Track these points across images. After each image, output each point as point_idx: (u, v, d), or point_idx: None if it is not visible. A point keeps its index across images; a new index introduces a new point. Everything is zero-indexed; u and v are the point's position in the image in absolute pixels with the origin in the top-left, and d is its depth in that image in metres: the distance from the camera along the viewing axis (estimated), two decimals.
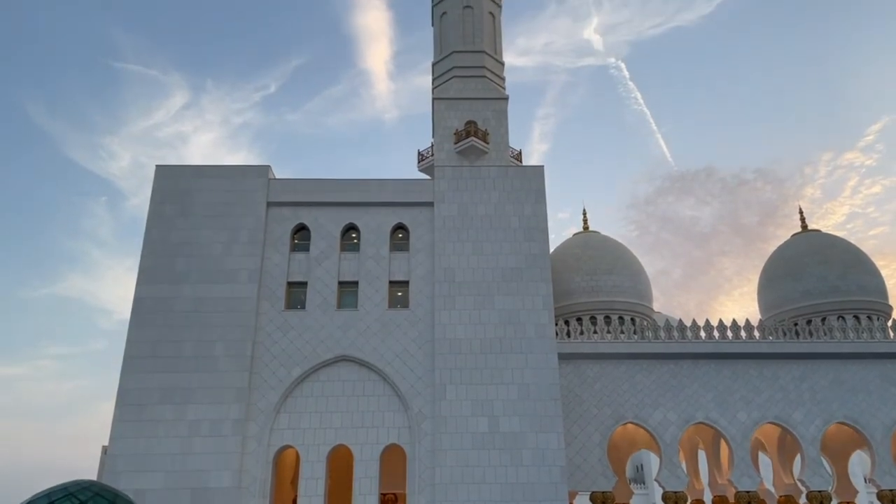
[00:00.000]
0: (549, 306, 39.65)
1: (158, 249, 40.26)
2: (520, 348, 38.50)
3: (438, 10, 55.45)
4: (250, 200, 41.69)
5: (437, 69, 53.64)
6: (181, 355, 37.71)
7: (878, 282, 49.57)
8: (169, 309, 38.78)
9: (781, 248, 53.28)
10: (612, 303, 49.33)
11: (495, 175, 43.33)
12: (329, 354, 38.74)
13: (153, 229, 40.78)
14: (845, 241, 51.78)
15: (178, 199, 41.55)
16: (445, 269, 40.53)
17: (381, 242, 41.76)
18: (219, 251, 40.30)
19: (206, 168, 42.76)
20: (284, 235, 41.58)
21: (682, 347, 41.56)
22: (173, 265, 39.86)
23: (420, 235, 42.03)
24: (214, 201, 41.50)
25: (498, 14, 55.79)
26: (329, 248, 41.48)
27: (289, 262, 41.02)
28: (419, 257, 41.47)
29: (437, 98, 51.32)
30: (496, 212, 42.18)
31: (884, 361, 42.17)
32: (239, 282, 39.62)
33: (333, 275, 40.75)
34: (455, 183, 42.96)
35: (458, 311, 39.43)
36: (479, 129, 49.38)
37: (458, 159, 48.46)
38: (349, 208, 42.43)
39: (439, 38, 54.72)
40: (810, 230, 53.50)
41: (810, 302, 48.87)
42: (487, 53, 52.58)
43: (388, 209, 42.60)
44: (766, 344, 41.85)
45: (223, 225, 40.94)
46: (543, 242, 41.40)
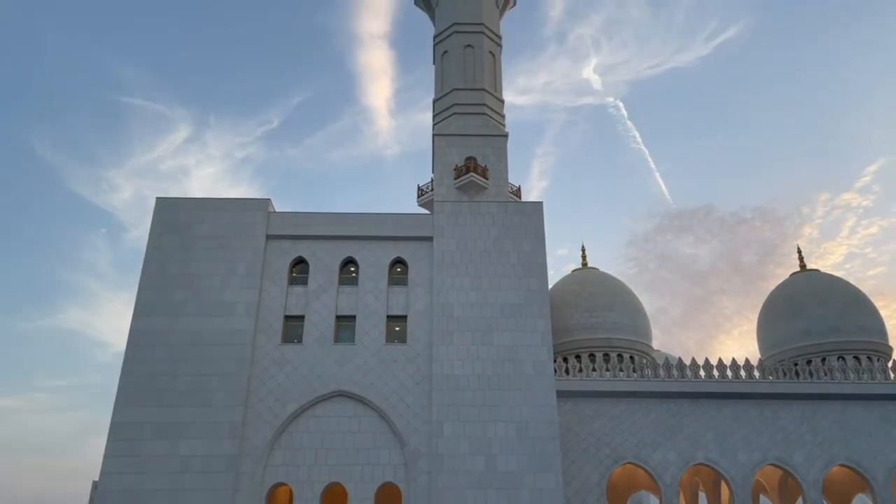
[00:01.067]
0: (548, 343, 39.37)
1: (156, 282, 40.11)
2: (518, 385, 38.11)
3: (440, 49, 56.36)
4: (249, 233, 41.70)
5: (438, 106, 54.27)
6: (175, 389, 37.26)
7: (877, 322, 49.40)
8: (165, 342, 38.45)
9: (781, 288, 53.22)
10: (610, 340, 49.02)
11: (494, 211, 43.44)
12: (325, 389, 38.29)
13: (152, 261, 40.69)
14: (844, 281, 51.76)
15: (177, 231, 41.56)
16: (444, 304, 40.35)
17: (380, 276, 41.66)
18: (217, 284, 40.15)
19: (207, 201, 42.88)
20: (283, 268, 41.47)
21: (682, 386, 41.18)
22: (171, 297, 39.66)
23: (419, 270, 41.95)
24: (214, 234, 41.51)
25: (498, 53, 56.69)
26: (327, 281, 41.35)
27: (286, 296, 40.83)
28: (417, 292, 41.32)
29: (438, 134, 51.81)
30: (495, 247, 42.17)
31: (885, 403, 41.76)
32: (236, 315, 39.38)
33: (331, 309, 40.54)
34: (454, 218, 43.02)
35: (455, 346, 39.13)
36: (479, 165, 49.76)
37: (458, 195, 48.70)
38: (348, 242, 42.43)
39: (440, 75, 55.50)
40: (809, 269, 53.52)
41: (810, 342, 48.61)
42: (488, 91, 53.28)
43: (388, 243, 42.59)
44: (767, 384, 41.49)
45: (222, 257, 40.88)
46: (542, 278, 41.30)
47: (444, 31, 56.23)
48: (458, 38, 55.07)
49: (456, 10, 56.14)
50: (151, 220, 42.06)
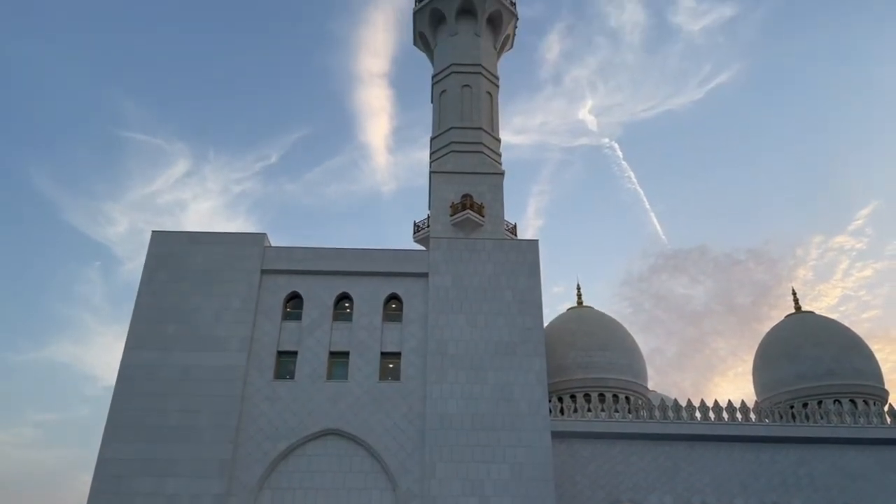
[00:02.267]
0: (543, 382, 39.03)
1: (149, 315, 39.77)
2: (512, 425, 37.61)
3: (438, 89, 57.15)
4: (244, 267, 41.55)
5: (436, 144, 54.79)
6: (165, 425, 36.61)
7: (873, 366, 49.25)
8: (155, 377, 37.94)
9: (776, 329, 53.15)
10: (606, 380, 48.64)
11: (490, 248, 43.48)
12: (316, 427, 37.68)
13: (145, 295, 40.41)
14: (839, 323, 51.75)
15: (172, 264, 41.39)
16: (438, 340, 40.05)
17: (374, 312, 41.41)
18: (210, 318, 39.83)
19: (202, 234, 42.82)
20: (277, 303, 41.22)
21: (678, 428, 40.72)
22: (163, 332, 39.29)
23: (414, 306, 41.73)
24: (208, 268, 41.34)
25: (495, 93, 57.53)
26: (321, 316, 41.07)
27: (280, 331, 40.49)
28: (412, 328, 41.03)
29: (435, 171, 52.18)
30: (490, 284, 42.07)
31: (882, 448, 41.35)
32: (228, 350, 38.97)
33: (324, 344, 40.18)
34: (450, 254, 43.00)
35: (450, 384, 38.72)
36: (475, 203, 50.04)
37: (454, 231, 48.83)
38: (343, 277, 42.28)
39: (438, 114, 56.17)
40: (804, 311, 53.56)
41: (806, 384, 48.34)
42: (484, 130, 53.89)
43: (382, 279, 42.45)
44: (763, 427, 41.09)
45: (216, 292, 40.63)
46: (537, 316, 41.12)
47: (443, 71, 57.13)
48: (456, 78, 55.93)
49: (454, 51, 57.13)
50: (146, 253, 41.90)
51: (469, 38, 57.74)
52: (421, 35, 61.32)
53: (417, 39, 62.57)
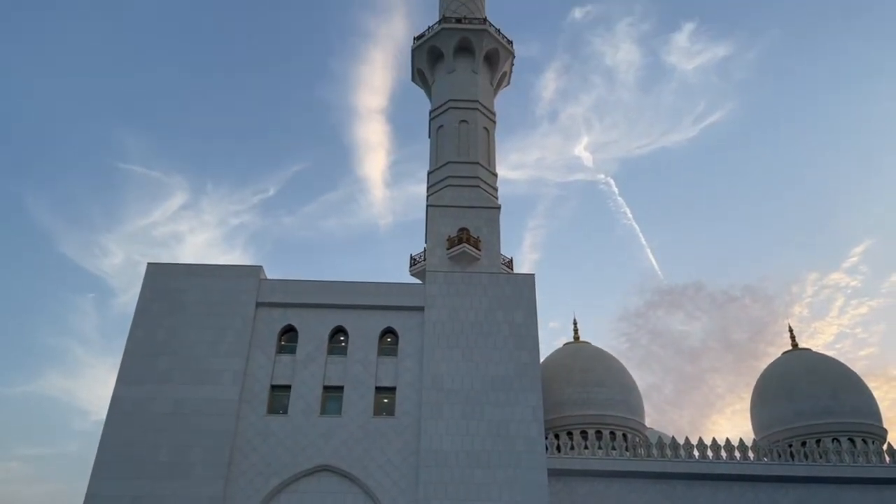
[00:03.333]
0: (540, 418, 38.58)
1: (142, 348, 39.41)
2: (508, 462, 37.05)
3: (435, 124, 57.74)
4: (240, 300, 41.35)
5: (433, 178, 55.10)
6: (155, 460, 35.97)
7: (870, 404, 48.92)
8: (147, 411, 37.41)
9: (773, 367, 52.89)
10: (603, 416, 48.11)
11: (486, 282, 43.42)
12: (309, 464, 37.06)
13: (139, 327, 40.11)
14: (836, 360, 51.55)
15: (166, 297, 41.17)
16: (434, 375, 39.69)
17: (370, 346, 41.10)
18: (203, 351, 39.47)
19: (198, 267, 42.72)
20: (271, 336, 40.91)
21: (676, 467, 40.17)
22: (155, 365, 38.88)
23: (409, 340, 41.45)
24: (203, 300, 41.12)
25: (492, 129, 58.11)
26: (316, 350, 40.74)
27: (274, 365, 40.11)
28: (407, 363, 40.70)
29: (432, 205, 52.36)
30: (486, 319, 41.89)
31: (881, 488, 40.81)
32: (222, 384, 38.53)
33: (319, 379, 39.77)
34: (446, 288, 42.89)
35: (445, 420, 38.25)
36: (472, 237, 50.07)
37: (450, 265, 48.75)
38: (338, 311, 42.06)
39: (435, 148, 56.64)
40: (801, 348, 53.38)
41: (804, 422, 47.90)
42: (481, 165, 54.26)
43: (378, 312, 42.24)
44: (762, 466, 40.59)
45: (210, 324, 40.34)
46: (534, 351, 40.87)
47: (440, 106, 57.76)
48: (453, 113, 56.52)
49: (452, 88, 57.86)
50: (141, 285, 41.71)
51: (467, 75, 58.55)
52: (419, 72, 62.19)
53: (416, 76, 63.44)
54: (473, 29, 58.96)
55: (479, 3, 64.33)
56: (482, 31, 58.90)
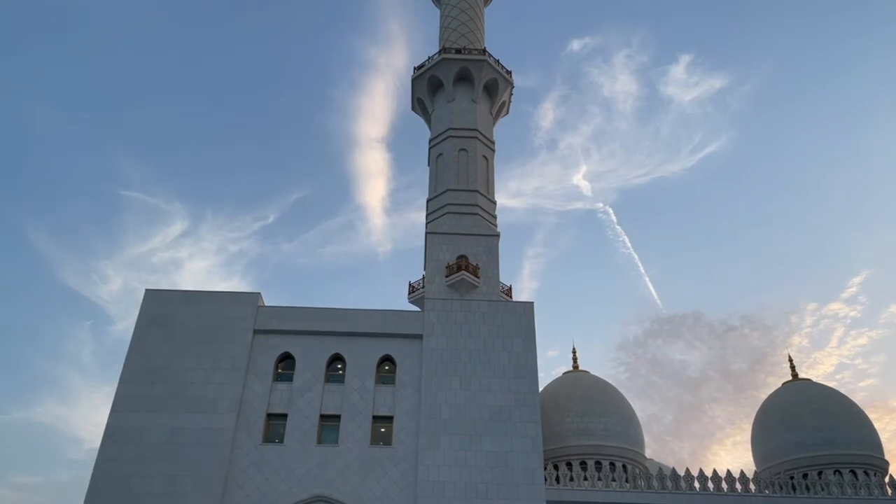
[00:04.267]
0: (539, 449, 38.11)
1: (138, 375, 39.03)
2: (507, 494, 36.47)
3: (435, 152, 58.14)
4: (237, 327, 41.09)
5: (432, 205, 55.30)
6: (149, 491, 35.36)
7: (872, 435, 48.48)
8: (141, 440, 36.90)
9: (773, 397, 52.51)
10: (602, 447, 47.60)
11: (485, 310, 43.23)
12: (305, 494, 36.46)
13: (135, 354, 39.78)
14: (837, 392, 51.20)
15: (163, 323, 40.91)
16: (432, 404, 39.29)
17: (367, 374, 40.75)
18: (199, 379, 39.10)
19: (196, 294, 42.55)
20: (268, 364, 40.58)
21: (676, 500, 39.62)
22: (151, 392, 38.46)
23: (407, 368, 41.12)
24: (201, 327, 40.86)
25: (491, 157, 58.51)
26: (313, 378, 40.37)
27: (270, 393, 39.71)
28: (405, 391, 40.32)
29: (431, 232, 52.46)
30: (485, 347, 41.60)
31: None
32: (217, 412, 38.09)
33: (315, 407, 39.34)
34: (445, 315, 42.66)
35: (442, 451, 37.75)
36: (471, 264, 50.12)
37: (449, 292, 48.68)
38: (336, 338, 41.78)
39: (434, 176, 56.94)
40: (801, 379, 53.07)
41: (805, 454, 47.40)
42: (480, 193, 54.51)
43: (376, 340, 41.97)
44: (764, 498, 40.04)
45: (207, 352, 40.05)
46: (533, 380, 40.53)
47: (440, 135, 58.23)
48: (452, 142, 56.96)
49: (451, 116, 58.40)
50: (139, 311, 41.47)
51: (466, 104, 59.13)
52: (419, 101, 62.80)
53: (416, 105, 64.05)
54: (473, 59, 59.73)
55: (479, 35, 65.29)
56: (481, 61, 59.66)
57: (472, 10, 66.45)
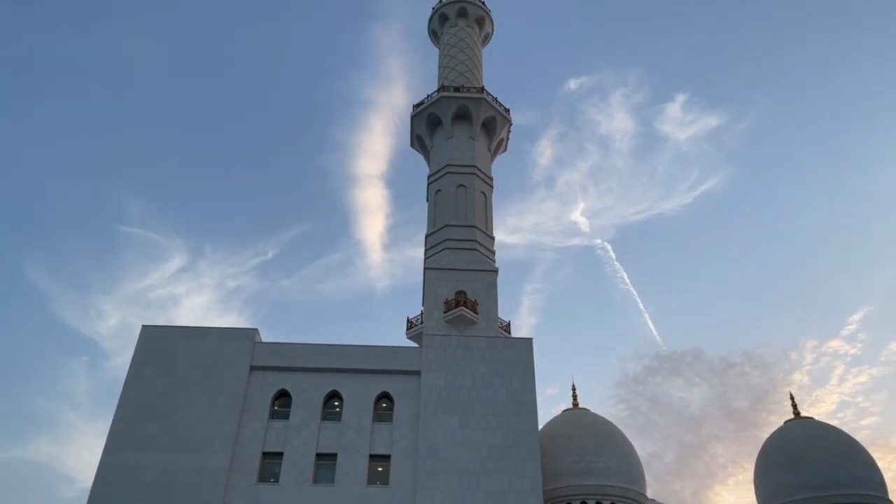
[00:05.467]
0: (538, 489, 37.46)
1: (132, 413, 38.54)
2: None
3: (433, 188, 58.50)
4: (234, 363, 40.75)
5: (430, 241, 55.41)
6: None
7: (876, 475, 47.70)
8: (134, 478, 36.23)
9: (776, 436, 51.80)
10: (604, 487, 46.67)
11: (484, 346, 42.93)
12: None
13: (130, 391, 39.35)
14: (840, 430, 50.54)
15: (160, 360, 40.58)
16: (430, 443, 38.73)
17: (364, 412, 40.26)
18: (194, 416, 38.60)
19: (193, 329, 42.32)
20: (265, 401, 40.11)
21: None
22: (145, 430, 37.93)
23: (405, 406, 40.63)
24: (197, 363, 40.53)
25: (489, 193, 58.86)
26: (310, 416, 39.86)
27: (266, 430, 39.16)
28: (403, 429, 39.78)
29: (429, 268, 52.44)
30: (484, 384, 41.20)
31: None
32: (212, 450, 37.49)
33: (312, 446, 38.75)
34: (443, 352, 42.33)
35: (441, 490, 37.08)
36: (469, 300, 49.96)
37: (447, 328, 48.42)
38: (333, 374, 41.41)
39: (433, 212, 57.18)
40: (803, 417, 52.47)
41: (809, 494, 46.54)
42: (479, 228, 54.68)
43: (373, 377, 41.58)
44: None
45: (203, 388, 39.62)
46: (532, 418, 40.04)
47: (438, 171, 58.66)
48: (451, 178, 57.35)
49: (450, 153, 58.94)
50: (135, 347, 41.17)
51: (464, 141, 59.74)
52: (418, 137, 63.44)
53: (414, 141, 64.68)
54: (471, 97, 60.57)
55: (477, 73, 66.34)
56: (480, 99, 60.48)
57: (471, 50, 67.65)
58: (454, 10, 70.68)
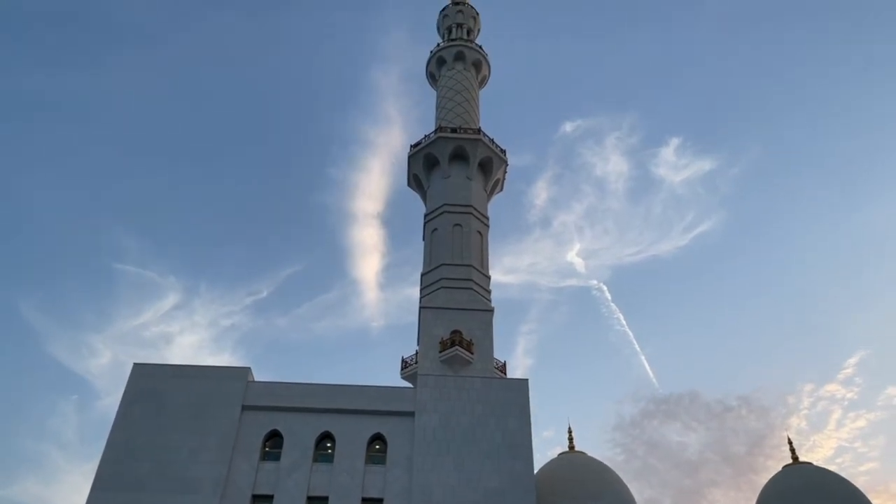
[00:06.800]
0: None
1: (121, 453, 37.74)
2: None
3: (430, 227, 58.75)
4: (225, 403, 40.14)
5: (426, 280, 55.35)
6: None
7: None
8: None
9: (774, 482, 50.88)
10: None
11: (479, 386, 42.42)
12: None
13: (119, 431, 38.62)
14: (839, 476, 49.71)
15: (150, 399, 39.95)
16: (423, 486, 37.95)
17: (357, 454, 39.50)
18: (184, 457, 37.83)
19: (185, 368, 41.81)
20: (256, 442, 39.38)
21: None
22: (134, 471, 37.09)
23: (398, 447, 39.91)
24: (188, 402, 39.91)
25: (485, 233, 59.11)
26: (301, 457, 39.11)
27: (257, 472, 38.34)
28: (396, 472, 39.00)
29: (425, 307, 52.27)
30: (479, 425, 40.56)
31: None
32: (201, 492, 36.63)
33: (303, 489, 37.90)
34: (438, 392, 41.78)
35: None
36: (465, 339, 49.70)
37: (442, 368, 48.01)
38: (326, 415, 40.75)
39: (429, 251, 57.28)
40: (801, 462, 51.69)
41: None
42: (475, 267, 54.71)
43: (367, 417, 40.92)
44: None
45: (194, 428, 38.93)
46: (528, 461, 39.34)
47: (435, 210, 58.99)
48: (447, 217, 57.67)
49: (446, 192, 59.37)
50: (125, 386, 40.58)
51: (461, 181, 60.26)
52: (415, 177, 63.97)
53: (411, 180, 65.20)
54: (468, 138, 61.34)
55: (474, 115, 67.33)
56: (476, 140, 61.24)
57: (468, 92, 68.78)
58: (452, 53, 72.12)
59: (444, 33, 77.17)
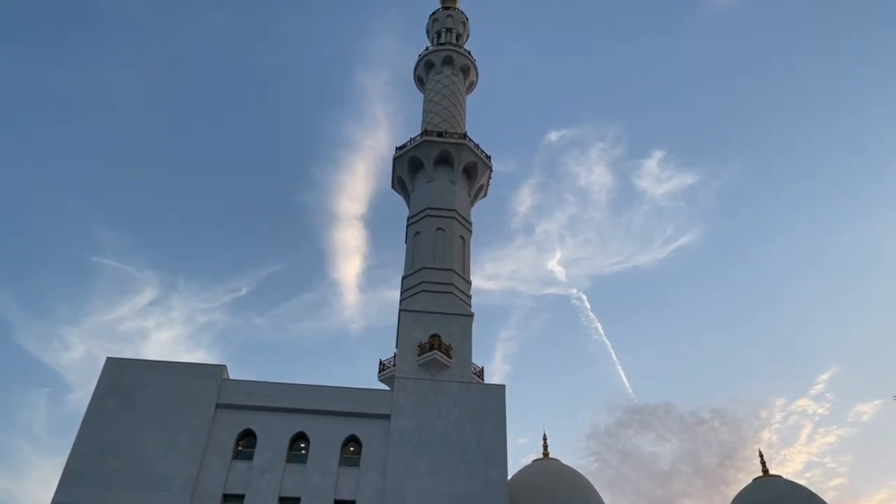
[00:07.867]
0: None
1: (90, 448, 37.13)
2: None
3: (412, 230, 58.68)
4: (199, 400, 39.69)
5: (406, 283, 55.24)
6: None
7: None
8: None
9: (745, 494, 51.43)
10: None
11: (456, 391, 42.43)
12: None
13: (89, 425, 38.00)
14: (808, 490, 50.38)
15: (122, 394, 39.37)
16: (397, 489, 37.81)
17: (331, 456, 39.27)
18: (155, 454, 37.31)
19: (159, 364, 41.27)
20: (229, 441, 38.98)
21: None
22: (103, 467, 36.51)
23: (373, 450, 39.74)
24: (161, 399, 39.39)
25: (468, 238, 59.17)
26: (275, 457, 38.77)
27: (228, 471, 37.93)
28: (370, 475, 38.81)
29: (404, 310, 52.15)
30: (455, 430, 40.54)
31: None
32: (171, 490, 36.14)
33: (275, 489, 37.57)
34: (415, 395, 41.71)
35: None
36: (444, 343, 49.64)
37: (420, 371, 47.91)
38: (301, 416, 40.46)
39: (411, 254, 57.20)
40: (772, 475, 52.30)
41: None
42: (456, 272, 54.72)
43: (342, 419, 40.70)
44: None
45: (166, 425, 38.42)
46: (502, 467, 39.37)
47: (418, 213, 58.94)
48: (430, 221, 57.62)
49: (430, 196, 59.36)
50: (97, 380, 39.97)
51: (445, 185, 60.29)
52: (399, 179, 63.89)
53: (395, 183, 65.12)
54: (454, 143, 61.42)
55: (460, 119, 67.47)
56: (462, 144, 61.35)
57: (455, 97, 68.90)
58: (440, 57, 72.25)
59: (433, 37, 77.30)
